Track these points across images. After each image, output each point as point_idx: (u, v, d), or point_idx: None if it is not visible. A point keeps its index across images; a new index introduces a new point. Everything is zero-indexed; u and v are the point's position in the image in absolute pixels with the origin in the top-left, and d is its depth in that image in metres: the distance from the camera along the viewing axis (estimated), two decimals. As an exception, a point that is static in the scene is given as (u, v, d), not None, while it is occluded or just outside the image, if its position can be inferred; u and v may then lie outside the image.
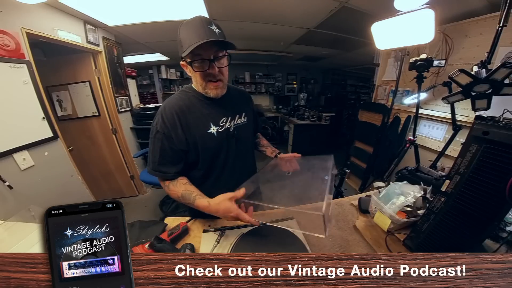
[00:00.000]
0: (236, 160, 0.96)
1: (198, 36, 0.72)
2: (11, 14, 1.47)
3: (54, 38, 1.83)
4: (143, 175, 2.40)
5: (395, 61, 2.66)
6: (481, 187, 0.59)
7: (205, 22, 0.74)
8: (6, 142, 1.41)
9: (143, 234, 0.87)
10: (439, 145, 2.06)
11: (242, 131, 0.96)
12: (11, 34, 1.46)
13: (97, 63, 2.46)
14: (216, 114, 0.89)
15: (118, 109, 2.72)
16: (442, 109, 2.08)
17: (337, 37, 2.90)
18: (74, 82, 2.47)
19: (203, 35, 0.72)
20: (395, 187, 0.96)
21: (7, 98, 1.44)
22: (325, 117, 4.26)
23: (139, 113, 3.07)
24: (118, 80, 2.75)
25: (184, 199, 0.83)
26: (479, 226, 0.61)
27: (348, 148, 3.41)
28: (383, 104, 2.79)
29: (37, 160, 1.60)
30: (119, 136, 2.78)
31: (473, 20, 1.79)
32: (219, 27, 0.77)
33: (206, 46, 0.73)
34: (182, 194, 0.83)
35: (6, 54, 1.43)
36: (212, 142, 0.88)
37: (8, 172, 1.40)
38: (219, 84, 0.83)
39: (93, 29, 2.28)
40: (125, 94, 2.91)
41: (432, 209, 0.72)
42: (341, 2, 1.85)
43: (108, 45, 2.53)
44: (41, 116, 1.66)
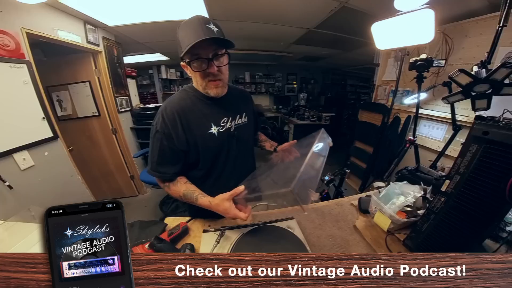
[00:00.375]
0: (237, 160, 0.96)
1: (196, 35, 0.71)
2: (11, 14, 1.47)
3: (54, 38, 1.83)
4: (143, 175, 2.40)
5: (395, 61, 2.66)
6: (481, 187, 0.59)
7: (203, 21, 0.74)
8: (6, 142, 1.41)
9: (143, 234, 0.87)
10: (439, 145, 2.06)
11: (243, 131, 0.96)
12: (11, 34, 1.46)
13: (97, 63, 2.46)
14: (217, 114, 0.89)
15: (118, 109, 2.72)
16: (442, 109, 2.08)
17: (337, 37, 2.90)
18: (74, 82, 2.47)
19: (201, 34, 0.71)
20: (395, 187, 0.96)
21: (7, 98, 1.44)
22: (325, 117, 4.27)
23: (139, 113, 3.07)
24: (118, 80, 2.75)
25: (186, 198, 0.84)
26: (479, 226, 0.61)
27: (348, 148, 3.41)
28: (383, 104, 2.79)
29: (37, 160, 1.60)
30: (119, 136, 2.78)
31: (473, 20, 1.79)
32: (217, 26, 0.77)
33: (204, 44, 0.72)
34: (184, 193, 0.84)
35: (6, 54, 1.43)
36: (213, 142, 0.88)
37: (8, 172, 1.40)
38: (219, 83, 0.83)
39: (93, 29, 2.28)
40: (125, 94, 2.91)
41: (432, 209, 0.72)
42: (341, 2, 1.85)
43: (108, 45, 2.53)
44: (41, 116, 1.66)
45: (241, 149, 0.97)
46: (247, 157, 1.04)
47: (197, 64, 0.77)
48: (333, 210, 1.06)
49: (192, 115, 0.85)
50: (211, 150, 0.89)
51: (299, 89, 6.34)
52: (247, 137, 1.02)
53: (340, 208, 1.08)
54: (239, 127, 0.95)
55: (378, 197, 0.95)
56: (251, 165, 1.08)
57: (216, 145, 0.89)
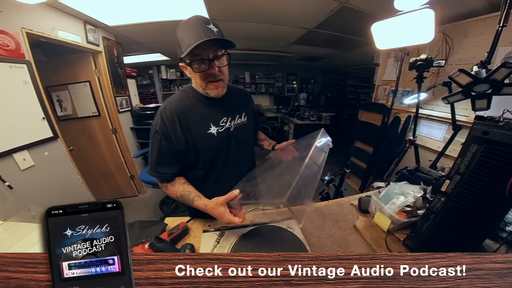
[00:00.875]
0: (237, 160, 0.96)
1: (197, 35, 0.71)
2: (11, 14, 1.47)
3: (54, 38, 1.82)
4: (143, 175, 2.40)
5: (395, 61, 2.66)
6: (481, 187, 0.58)
7: (202, 21, 0.73)
8: (6, 142, 1.41)
9: (143, 234, 0.87)
10: (439, 145, 2.05)
11: (242, 131, 0.96)
12: (11, 34, 1.46)
13: (97, 63, 2.46)
14: (216, 114, 0.89)
15: (118, 109, 2.72)
16: (442, 109, 2.08)
17: (337, 37, 2.90)
18: (74, 82, 2.47)
19: (201, 35, 0.70)
20: (395, 187, 0.96)
21: (7, 98, 1.44)
22: (325, 117, 4.27)
23: (139, 113, 3.07)
24: (118, 80, 2.75)
25: (183, 199, 0.84)
26: (479, 226, 0.61)
27: (348, 148, 3.41)
28: (383, 104, 2.79)
29: (37, 160, 1.60)
30: (119, 136, 2.78)
31: (473, 20, 1.79)
32: (217, 26, 0.76)
33: (205, 45, 0.72)
34: (181, 194, 0.84)
35: (6, 54, 1.42)
36: (213, 142, 0.88)
37: (8, 172, 1.40)
38: (220, 83, 0.83)
39: (93, 29, 2.28)
40: (125, 94, 2.91)
41: (432, 209, 0.72)
42: (341, 2, 1.85)
43: (108, 45, 2.53)
44: (41, 116, 1.66)
45: (241, 148, 0.96)
46: (247, 157, 1.04)
47: (197, 65, 0.77)
48: (333, 210, 1.06)
49: (191, 116, 0.85)
50: (211, 150, 0.89)
51: (299, 89, 6.34)
52: (247, 137, 1.01)
53: (340, 208, 1.08)
54: (239, 127, 0.94)
55: (378, 197, 0.95)
56: (251, 164, 1.08)
57: (216, 145, 0.89)
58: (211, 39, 0.71)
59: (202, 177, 0.94)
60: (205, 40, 0.70)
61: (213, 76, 0.80)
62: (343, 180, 2.11)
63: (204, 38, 0.70)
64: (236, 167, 0.96)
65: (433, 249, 0.70)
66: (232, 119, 0.92)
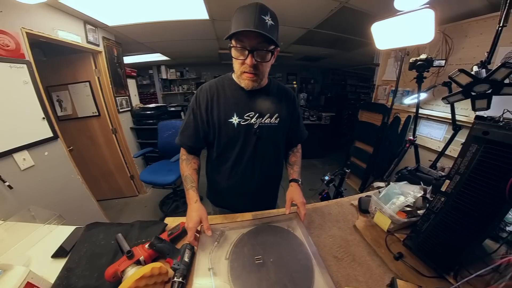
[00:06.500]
0: (255, 159, 0.94)
1: (245, 23, 0.68)
2: (11, 14, 1.47)
3: (54, 38, 1.82)
4: (143, 175, 2.39)
5: (395, 61, 2.66)
6: (481, 187, 0.58)
7: (259, 10, 0.70)
8: (6, 142, 1.41)
9: (143, 234, 0.87)
10: (439, 145, 2.06)
11: (268, 132, 0.92)
12: (11, 34, 1.46)
13: (97, 63, 2.46)
14: (244, 106, 0.88)
15: (118, 109, 2.72)
16: (442, 109, 2.09)
17: (337, 37, 2.89)
18: (74, 82, 2.47)
19: (249, 23, 0.68)
20: (395, 187, 0.96)
21: (7, 98, 1.44)
22: (325, 117, 4.26)
23: (139, 113, 3.07)
24: (118, 80, 2.74)
25: (184, 181, 0.90)
26: (479, 226, 0.61)
27: (348, 148, 3.41)
28: (383, 104, 2.79)
29: (37, 160, 1.60)
30: (119, 136, 2.78)
31: (473, 20, 1.79)
32: (274, 19, 0.73)
33: (250, 35, 0.70)
34: (186, 176, 0.90)
35: (6, 54, 1.42)
36: (230, 131, 0.89)
37: (8, 172, 1.40)
38: (253, 77, 0.81)
39: (93, 29, 2.28)
40: (125, 94, 2.91)
41: (432, 209, 0.72)
42: (341, 2, 1.85)
43: (108, 45, 2.53)
44: (41, 116, 1.66)
45: (262, 149, 0.93)
46: (269, 160, 0.98)
47: (236, 52, 0.76)
48: (333, 210, 1.06)
49: (220, 100, 0.89)
50: (225, 138, 0.91)
51: (299, 89, 6.34)
52: (273, 140, 0.95)
53: (340, 208, 1.08)
54: (265, 127, 0.91)
55: (378, 197, 0.95)
56: (274, 169, 1.04)
57: (231, 135, 0.90)
58: (257, 31, 0.68)
59: (216, 160, 0.98)
60: (245, 29, 0.68)
61: (248, 68, 0.78)
62: (343, 180, 2.11)
63: (248, 28, 0.68)
64: (255, 166, 0.96)
65: (433, 249, 0.70)
66: (260, 116, 0.90)
